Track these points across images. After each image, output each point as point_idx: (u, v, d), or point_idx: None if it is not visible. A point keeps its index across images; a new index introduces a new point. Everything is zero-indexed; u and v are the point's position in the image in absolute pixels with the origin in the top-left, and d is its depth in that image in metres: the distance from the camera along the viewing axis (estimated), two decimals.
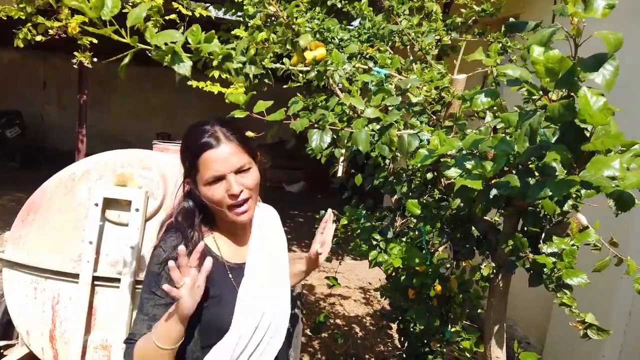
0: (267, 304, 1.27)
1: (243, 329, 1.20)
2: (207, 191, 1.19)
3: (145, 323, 1.17)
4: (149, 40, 1.15)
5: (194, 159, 1.20)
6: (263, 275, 1.30)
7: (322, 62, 1.47)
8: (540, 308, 3.21)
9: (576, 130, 1.00)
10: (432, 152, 1.30)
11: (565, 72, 0.95)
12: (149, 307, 1.18)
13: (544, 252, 1.52)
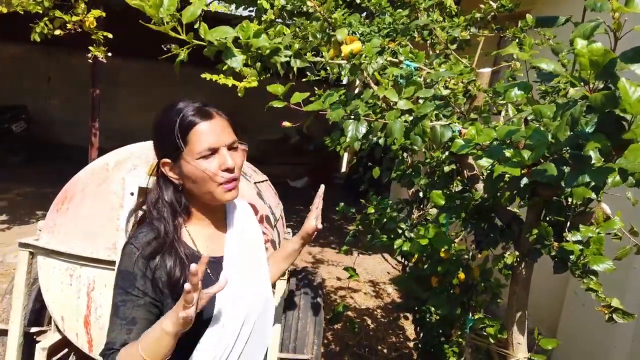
0: (250, 295, 1.22)
1: (226, 321, 1.14)
2: (200, 165, 1.11)
3: (124, 328, 1.07)
4: (203, 36, 1.20)
5: (184, 134, 1.12)
6: (243, 267, 1.24)
7: (358, 55, 1.53)
8: (551, 299, 3.27)
9: (615, 119, 1.05)
10: (469, 142, 1.35)
11: (607, 63, 1.00)
12: (126, 309, 1.08)
13: (569, 240, 1.56)
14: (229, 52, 1.24)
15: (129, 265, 1.10)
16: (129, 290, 1.09)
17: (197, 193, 1.15)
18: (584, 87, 1.07)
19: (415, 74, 1.76)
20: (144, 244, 1.10)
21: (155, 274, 1.10)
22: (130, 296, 1.08)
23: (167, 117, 1.14)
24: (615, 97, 1.00)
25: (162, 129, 1.15)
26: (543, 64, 1.29)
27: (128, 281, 1.09)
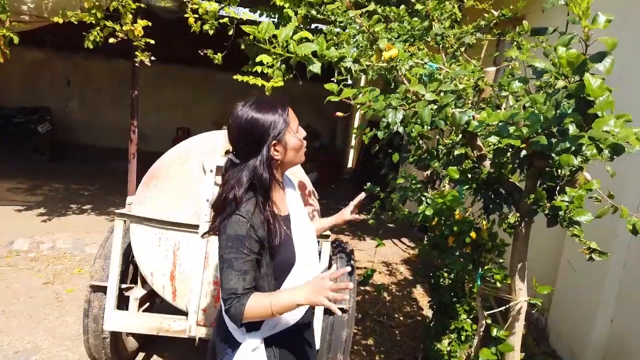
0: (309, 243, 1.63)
1: (303, 260, 1.55)
2: (295, 141, 1.51)
3: (241, 277, 1.39)
4: (293, 50, 1.66)
5: (285, 115, 1.48)
6: (301, 222, 1.64)
7: (395, 59, 1.99)
8: (548, 268, 3.73)
9: (586, 102, 1.52)
10: (482, 123, 1.82)
11: (579, 63, 1.47)
12: (240, 264, 1.39)
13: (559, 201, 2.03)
14: (311, 61, 1.70)
15: (240, 230, 1.40)
16: (240, 249, 1.40)
17: (292, 160, 1.56)
18: (564, 80, 1.54)
19: (436, 72, 2.22)
20: (249, 213, 1.42)
21: (257, 235, 1.43)
22: (242, 254, 1.40)
23: (264, 111, 1.47)
24: (584, 86, 1.46)
25: (266, 120, 1.46)
26: (537, 63, 1.76)
27: (239, 242, 1.40)
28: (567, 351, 3.49)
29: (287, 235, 1.54)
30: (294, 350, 1.62)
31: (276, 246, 1.48)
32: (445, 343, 3.32)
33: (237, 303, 1.38)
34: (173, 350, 3.20)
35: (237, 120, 1.48)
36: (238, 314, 1.38)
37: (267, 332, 1.53)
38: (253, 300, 1.39)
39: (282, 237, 1.50)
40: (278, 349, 1.56)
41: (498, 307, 2.36)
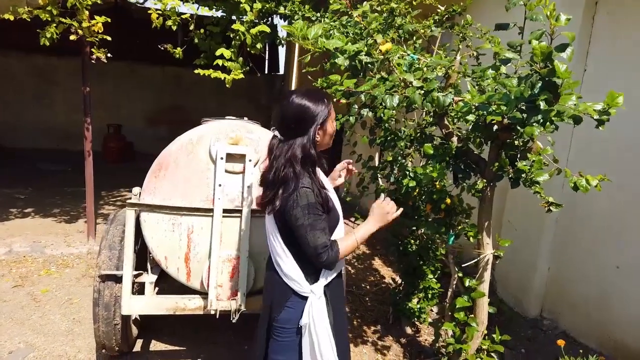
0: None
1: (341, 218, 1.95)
2: (332, 127, 1.88)
3: (325, 233, 1.74)
4: (322, 46, 1.94)
5: (329, 106, 1.85)
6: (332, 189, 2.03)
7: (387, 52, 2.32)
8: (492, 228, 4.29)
9: (554, 83, 1.94)
10: (467, 104, 2.21)
11: (548, 53, 1.89)
12: (319, 224, 1.73)
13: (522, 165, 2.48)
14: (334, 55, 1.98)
15: (310, 198, 1.73)
16: (315, 213, 1.72)
17: (328, 142, 1.92)
18: (537, 65, 1.96)
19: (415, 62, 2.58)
20: (310, 184, 1.76)
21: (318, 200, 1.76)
22: (317, 216, 1.73)
23: (314, 101, 1.80)
24: (554, 70, 1.89)
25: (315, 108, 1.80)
26: (507, 53, 2.17)
27: (313, 208, 1.72)
28: (513, 299, 4.08)
29: (331, 198, 1.89)
30: (337, 292, 1.98)
31: (329, 208, 1.84)
32: (415, 302, 3.76)
33: (331, 251, 1.73)
34: (170, 334, 3.34)
35: (292, 105, 1.77)
36: (335, 258, 1.74)
37: (324, 281, 1.84)
38: (342, 244, 1.79)
39: (331, 200, 1.86)
40: (329, 293, 1.89)
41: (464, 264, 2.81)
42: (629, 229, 3.21)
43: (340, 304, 2.04)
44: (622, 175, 3.18)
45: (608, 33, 3.38)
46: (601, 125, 1.92)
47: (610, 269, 3.33)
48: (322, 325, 1.81)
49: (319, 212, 1.73)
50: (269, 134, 2.72)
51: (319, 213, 1.74)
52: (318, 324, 1.80)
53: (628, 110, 3.16)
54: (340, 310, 2.04)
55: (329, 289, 1.89)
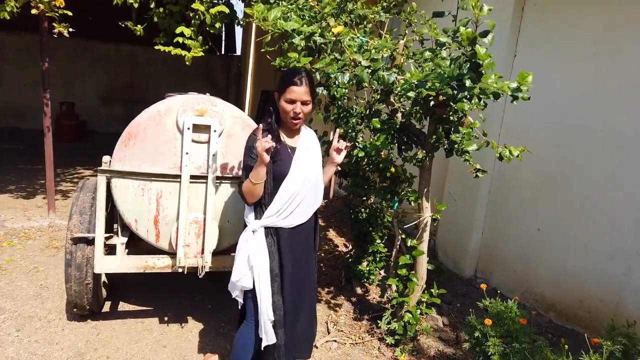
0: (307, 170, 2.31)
1: (295, 176, 2.25)
2: (284, 105, 2.23)
3: (246, 172, 2.22)
4: (281, 27, 2.19)
5: (286, 85, 2.20)
6: (304, 156, 2.33)
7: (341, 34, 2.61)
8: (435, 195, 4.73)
9: (477, 64, 2.30)
10: (407, 81, 2.54)
11: (473, 38, 2.24)
12: (248, 162, 2.23)
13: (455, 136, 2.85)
14: (291, 35, 2.25)
15: (251, 143, 2.23)
16: (249, 154, 2.23)
17: (283, 118, 2.28)
18: (464, 49, 2.31)
19: (364, 44, 2.88)
20: (260, 132, 2.15)
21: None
22: (250, 157, 2.23)
23: (286, 73, 2.23)
24: (476, 53, 2.24)
25: (282, 78, 2.23)
26: (442, 37, 2.51)
27: (250, 149, 2.22)
28: (452, 262, 4.53)
29: (288, 155, 2.28)
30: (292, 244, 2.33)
31: (278, 158, 2.24)
32: (364, 265, 4.13)
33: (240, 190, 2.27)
34: (137, 297, 3.56)
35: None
36: (240, 191, 2.26)
37: (264, 222, 2.26)
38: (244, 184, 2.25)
39: (282, 154, 2.24)
40: (277, 239, 2.29)
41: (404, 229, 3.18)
42: (548, 195, 3.69)
43: (296, 254, 2.36)
44: (543, 150, 3.63)
45: (535, 22, 3.81)
46: (515, 100, 2.29)
47: (532, 232, 3.81)
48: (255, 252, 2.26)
49: (254, 155, 2.19)
50: (232, 107, 2.98)
51: (252, 155, 2.22)
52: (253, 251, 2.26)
53: (550, 91, 3.62)
54: (296, 261, 2.36)
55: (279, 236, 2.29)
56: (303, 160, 2.31)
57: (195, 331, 3.24)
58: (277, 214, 2.27)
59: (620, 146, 3.20)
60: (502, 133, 4.02)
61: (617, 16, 3.23)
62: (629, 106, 3.15)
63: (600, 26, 3.33)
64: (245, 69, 10.97)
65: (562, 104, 3.59)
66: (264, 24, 2.20)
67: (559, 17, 3.63)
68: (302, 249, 2.38)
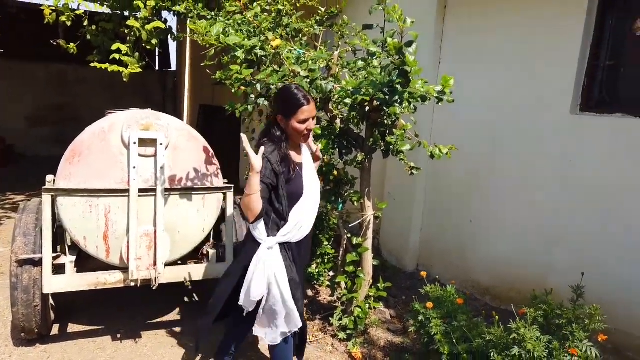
0: (316, 185, 2.42)
1: (309, 193, 2.33)
2: (296, 126, 2.24)
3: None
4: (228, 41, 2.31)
5: (295, 107, 2.21)
6: (310, 171, 2.41)
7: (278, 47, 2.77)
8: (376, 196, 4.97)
9: (405, 70, 2.53)
10: (344, 89, 2.73)
11: (399, 47, 2.47)
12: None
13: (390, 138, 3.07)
14: (233, 49, 2.37)
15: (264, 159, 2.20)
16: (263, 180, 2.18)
17: (293, 136, 2.30)
18: (392, 57, 2.53)
19: (301, 56, 3.06)
20: (269, 152, 2.20)
21: (273, 167, 2.20)
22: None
23: (287, 94, 2.24)
24: (405, 61, 2.48)
25: (286, 102, 2.23)
26: (371, 47, 2.74)
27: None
28: (395, 258, 4.78)
29: (298, 173, 2.32)
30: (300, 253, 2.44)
31: (291, 177, 2.27)
32: (314, 267, 4.29)
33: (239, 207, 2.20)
34: (87, 317, 3.51)
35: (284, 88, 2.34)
36: (241, 211, 2.17)
37: (280, 239, 2.30)
38: (242, 200, 2.18)
39: (295, 172, 2.29)
40: (291, 252, 2.36)
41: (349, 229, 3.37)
42: (477, 189, 4.02)
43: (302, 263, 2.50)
44: (470, 148, 3.96)
45: (456, 30, 4.15)
46: (440, 102, 2.54)
47: (465, 224, 4.12)
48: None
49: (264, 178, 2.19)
50: (177, 120, 3.05)
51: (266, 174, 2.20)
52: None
53: (472, 94, 3.96)
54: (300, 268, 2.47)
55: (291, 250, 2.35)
56: (310, 175, 2.39)
57: (150, 345, 3.25)
58: (293, 230, 2.32)
59: (539, 139, 3.57)
60: (433, 134, 4.33)
61: (531, 25, 3.61)
62: (543, 105, 3.53)
63: (517, 33, 3.70)
64: (181, 84, 10.89)
65: (485, 104, 3.94)
66: (207, 38, 2.32)
67: (478, 24, 3.98)
68: (305, 256, 2.55)
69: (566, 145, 3.39)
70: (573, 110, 3.36)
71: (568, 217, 3.39)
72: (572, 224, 3.36)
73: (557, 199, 3.45)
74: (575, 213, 3.34)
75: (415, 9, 4.05)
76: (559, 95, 3.42)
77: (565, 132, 3.39)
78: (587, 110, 3.32)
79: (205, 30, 2.26)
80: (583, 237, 3.30)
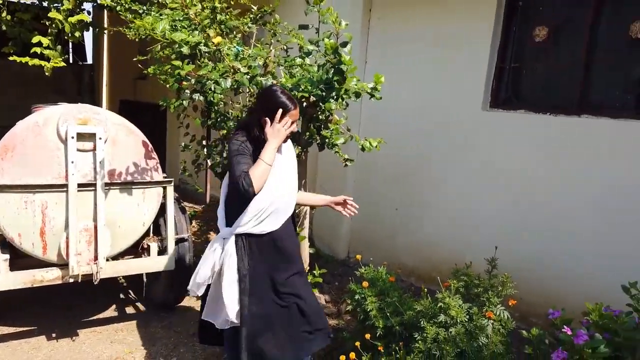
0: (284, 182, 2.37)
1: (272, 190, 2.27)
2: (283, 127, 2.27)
3: (245, 164, 2.16)
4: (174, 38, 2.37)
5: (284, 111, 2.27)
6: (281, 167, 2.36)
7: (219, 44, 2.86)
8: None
9: (341, 69, 2.74)
10: (283, 85, 2.89)
11: (336, 47, 2.68)
12: (243, 158, 2.19)
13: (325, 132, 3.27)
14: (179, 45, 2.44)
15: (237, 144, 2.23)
16: (241, 152, 2.20)
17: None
18: (329, 57, 2.73)
19: (240, 53, 3.17)
20: (242, 140, 2.26)
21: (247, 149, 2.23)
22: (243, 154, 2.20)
23: (274, 97, 2.30)
24: (341, 60, 2.68)
25: (270, 103, 2.29)
26: (309, 46, 2.92)
27: (239, 150, 2.21)
28: (327, 247, 5.02)
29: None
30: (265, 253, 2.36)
31: None
32: None
33: (246, 175, 2.13)
34: (17, 316, 3.38)
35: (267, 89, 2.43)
36: (248, 180, 2.12)
37: (236, 230, 2.29)
38: (252, 170, 2.16)
39: None
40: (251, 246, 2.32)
41: None
42: (402, 179, 4.35)
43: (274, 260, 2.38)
44: (395, 142, 4.27)
45: (381, 33, 4.45)
46: (373, 97, 2.78)
47: (392, 212, 4.45)
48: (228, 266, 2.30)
49: (245, 151, 2.23)
50: (115, 115, 3.05)
51: (244, 153, 2.23)
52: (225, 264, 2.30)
53: (397, 93, 4.27)
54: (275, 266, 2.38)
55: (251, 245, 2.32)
56: (280, 170, 2.37)
57: (89, 342, 3.21)
58: (251, 223, 2.29)
59: (456, 133, 3.95)
60: (362, 129, 4.61)
61: (447, 30, 3.97)
62: (459, 102, 3.91)
63: (434, 37, 4.06)
64: (99, 79, 10.41)
65: (408, 102, 4.27)
66: (153, 34, 2.36)
67: (400, 28, 4.30)
68: (281, 254, 2.42)
69: (479, 137, 3.79)
70: (484, 107, 3.77)
71: (483, 201, 3.79)
72: (487, 207, 3.77)
73: (473, 185, 3.85)
74: (489, 197, 3.76)
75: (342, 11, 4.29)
76: (472, 93, 3.81)
77: (478, 126, 3.79)
78: (496, 107, 3.74)
79: (151, 26, 2.31)
80: (497, 219, 3.71)
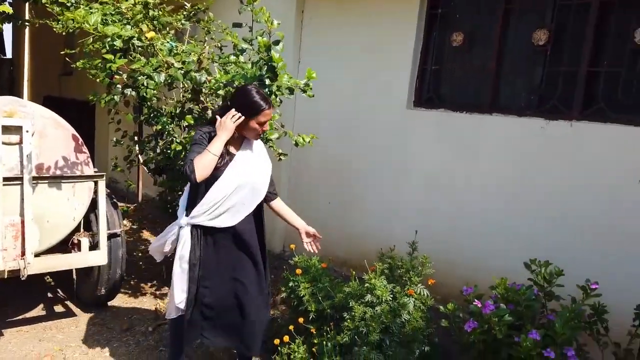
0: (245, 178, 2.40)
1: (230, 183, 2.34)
2: (255, 126, 2.36)
3: (196, 153, 2.25)
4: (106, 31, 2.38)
5: (258, 110, 2.32)
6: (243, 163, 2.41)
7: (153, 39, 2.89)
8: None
9: (273, 66, 2.87)
10: (218, 81, 2.97)
11: (268, 45, 2.81)
12: (197, 148, 2.28)
13: None
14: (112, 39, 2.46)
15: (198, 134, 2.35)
16: (199, 143, 2.29)
17: (247, 133, 2.41)
18: (262, 54, 2.86)
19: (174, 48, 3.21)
20: (206, 131, 2.36)
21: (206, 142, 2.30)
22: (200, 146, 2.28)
23: (254, 100, 2.33)
24: (272, 58, 2.82)
25: (247, 102, 2.33)
26: (242, 44, 3.03)
27: (199, 141, 2.30)
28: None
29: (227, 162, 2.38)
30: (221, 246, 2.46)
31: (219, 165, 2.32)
32: None
33: (191, 162, 2.23)
34: None
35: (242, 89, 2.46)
36: (192, 166, 2.21)
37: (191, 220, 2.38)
38: (196, 157, 2.25)
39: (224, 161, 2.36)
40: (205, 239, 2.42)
41: None
42: (333, 174, 4.55)
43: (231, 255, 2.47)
44: (327, 138, 4.46)
45: (313, 33, 4.63)
46: (305, 93, 2.94)
47: (324, 206, 4.63)
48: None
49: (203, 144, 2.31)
50: (42, 108, 3.01)
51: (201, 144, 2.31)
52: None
53: (328, 91, 4.46)
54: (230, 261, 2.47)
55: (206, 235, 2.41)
56: (240, 166, 2.41)
57: (15, 341, 3.12)
58: (205, 214, 2.36)
59: (383, 130, 4.19)
60: (296, 125, 4.76)
61: (374, 32, 4.21)
62: (385, 101, 4.16)
63: (362, 39, 4.28)
64: (19, 74, 9.85)
65: (339, 100, 4.47)
66: (85, 27, 2.36)
67: (332, 29, 4.50)
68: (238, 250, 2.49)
69: (404, 135, 4.05)
70: (408, 105, 4.04)
71: (406, 194, 4.06)
72: (410, 200, 4.04)
73: (398, 180, 4.11)
74: (412, 191, 4.03)
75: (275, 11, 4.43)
76: (397, 93, 4.07)
77: (403, 124, 4.06)
78: (419, 106, 4.02)
79: (83, 19, 2.31)
80: (419, 211, 3.99)
